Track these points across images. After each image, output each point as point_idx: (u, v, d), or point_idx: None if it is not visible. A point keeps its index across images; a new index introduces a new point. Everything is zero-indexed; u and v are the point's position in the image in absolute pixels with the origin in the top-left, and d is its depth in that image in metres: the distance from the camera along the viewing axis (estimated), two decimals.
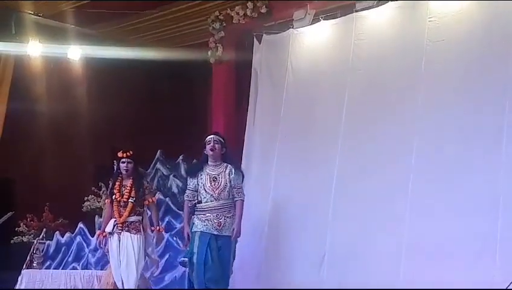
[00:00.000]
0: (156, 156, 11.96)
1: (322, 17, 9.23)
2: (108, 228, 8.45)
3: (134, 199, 8.47)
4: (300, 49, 9.51)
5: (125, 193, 8.50)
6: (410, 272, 7.55)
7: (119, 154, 8.58)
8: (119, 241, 8.31)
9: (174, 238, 10.29)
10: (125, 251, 8.25)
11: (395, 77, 8.23)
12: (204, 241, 8.01)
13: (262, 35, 10.17)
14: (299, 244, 8.82)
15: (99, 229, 9.32)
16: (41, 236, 10.56)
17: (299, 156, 9.19)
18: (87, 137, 11.21)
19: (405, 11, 8.32)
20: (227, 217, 8.10)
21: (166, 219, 10.59)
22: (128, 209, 8.43)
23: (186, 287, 9.99)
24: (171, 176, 11.49)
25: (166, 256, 10.24)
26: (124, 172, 8.58)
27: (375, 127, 8.35)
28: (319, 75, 9.21)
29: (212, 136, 8.33)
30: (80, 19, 10.65)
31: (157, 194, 9.28)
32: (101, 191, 10.93)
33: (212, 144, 8.23)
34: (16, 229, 10.80)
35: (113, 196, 8.53)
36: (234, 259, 8.13)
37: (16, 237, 10.71)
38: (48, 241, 10.66)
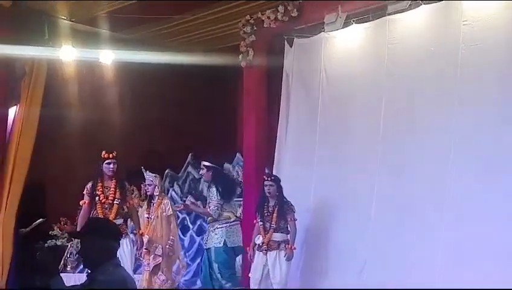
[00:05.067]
0: (187, 160, 12.02)
1: (353, 21, 9.19)
2: None
3: (119, 200, 8.45)
4: (333, 53, 9.51)
5: (110, 195, 8.47)
6: (446, 277, 7.52)
7: (104, 155, 8.57)
8: None
9: None
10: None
11: (431, 82, 8.20)
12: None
13: (293, 38, 10.18)
14: (340, 248, 8.86)
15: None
16: (75, 240, 10.60)
17: (339, 160, 9.22)
18: (119, 141, 11.22)
19: (438, 15, 8.26)
20: (210, 230, 8.89)
21: (198, 222, 10.68)
22: (114, 211, 8.43)
23: None
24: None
25: (198, 260, 10.30)
26: (109, 173, 8.56)
27: (412, 131, 8.35)
28: (354, 80, 9.22)
29: None
30: (113, 23, 10.70)
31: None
32: (133, 195, 10.96)
33: None
34: (50, 232, 10.85)
35: (97, 198, 8.50)
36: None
37: (49, 241, 10.77)
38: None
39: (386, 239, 8.30)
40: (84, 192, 8.72)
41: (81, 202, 8.76)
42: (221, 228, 8.81)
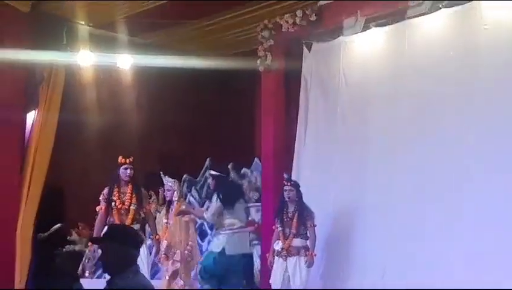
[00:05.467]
0: (205, 165, 11.98)
1: (372, 25, 9.14)
2: None
3: (135, 205, 8.43)
4: (352, 58, 9.49)
5: (126, 200, 8.45)
6: (465, 279, 7.42)
7: (121, 160, 8.54)
8: None
9: None
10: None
11: (450, 85, 8.14)
12: None
13: (311, 43, 10.14)
14: (360, 254, 8.82)
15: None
16: (92, 245, 10.58)
17: (358, 165, 9.18)
18: (136, 146, 11.23)
19: (457, 19, 8.22)
20: (215, 236, 9.00)
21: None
22: (130, 216, 8.42)
23: None
24: None
25: None
26: (126, 178, 8.54)
27: (433, 135, 8.28)
28: (373, 84, 9.18)
29: None
30: (130, 28, 10.71)
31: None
32: (151, 199, 10.93)
33: None
34: (68, 237, 10.85)
35: (113, 203, 8.48)
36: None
37: (67, 246, 10.75)
38: (99, 250, 10.66)
39: (407, 243, 8.23)
40: (101, 198, 8.71)
41: (97, 208, 8.75)
42: (224, 234, 8.76)
